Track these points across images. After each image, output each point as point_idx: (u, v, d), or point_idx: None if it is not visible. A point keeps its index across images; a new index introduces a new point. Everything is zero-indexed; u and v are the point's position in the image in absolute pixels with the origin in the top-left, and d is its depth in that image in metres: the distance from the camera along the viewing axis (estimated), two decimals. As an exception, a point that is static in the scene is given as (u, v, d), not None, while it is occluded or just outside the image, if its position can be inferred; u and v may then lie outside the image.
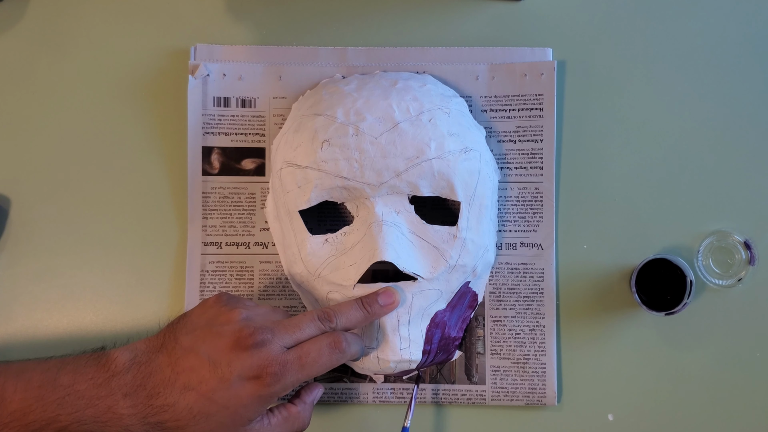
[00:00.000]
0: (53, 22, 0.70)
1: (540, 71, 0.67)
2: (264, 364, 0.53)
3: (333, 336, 0.56)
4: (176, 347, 0.54)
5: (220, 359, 0.53)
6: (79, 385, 0.53)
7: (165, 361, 0.54)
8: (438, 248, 0.61)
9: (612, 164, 0.68)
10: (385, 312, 0.59)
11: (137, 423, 0.53)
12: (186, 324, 0.56)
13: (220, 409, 0.53)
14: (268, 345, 0.53)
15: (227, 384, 0.52)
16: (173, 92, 0.69)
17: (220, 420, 0.53)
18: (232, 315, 0.55)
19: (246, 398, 0.53)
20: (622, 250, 0.67)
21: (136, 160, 0.69)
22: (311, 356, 0.54)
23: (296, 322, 0.56)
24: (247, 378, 0.53)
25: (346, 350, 0.56)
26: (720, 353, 0.66)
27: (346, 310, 0.58)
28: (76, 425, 0.53)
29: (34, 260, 0.68)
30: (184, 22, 0.70)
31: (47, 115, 0.69)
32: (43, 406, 0.53)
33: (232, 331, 0.54)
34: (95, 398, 0.53)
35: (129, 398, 0.53)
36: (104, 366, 0.54)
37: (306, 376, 0.54)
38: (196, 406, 0.52)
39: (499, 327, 0.67)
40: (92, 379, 0.53)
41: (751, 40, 0.68)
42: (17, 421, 0.53)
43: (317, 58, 0.68)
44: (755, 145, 0.67)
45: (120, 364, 0.54)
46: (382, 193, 0.60)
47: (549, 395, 0.66)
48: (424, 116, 0.61)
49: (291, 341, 0.55)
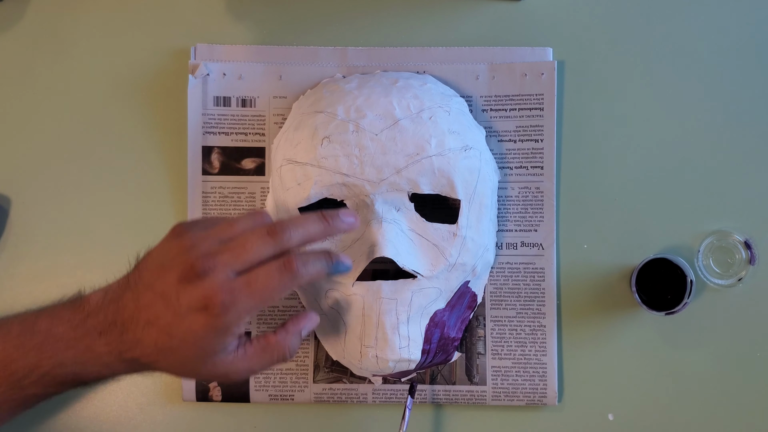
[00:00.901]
0: (53, 22, 0.70)
1: (540, 71, 0.67)
2: (210, 294, 0.50)
3: (284, 258, 0.52)
4: (139, 283, 0.53)
5: (170, 293, 0.51)
6: (57, 329, 0.53)
7: (130, 297, 0.52)
8: (438, 246, 0.61)
9: (612, 164, 0.68)
10: (345, 228, 0.56)
11: (115, 360, 0.53)
12: (147, 260, 0.54)
13: (180, 343, 0.51)
14: (212, 273, 0.50)
15: (180, 317, 0.50)
16: (173, 92, 0.69)
17: (184, 353, 0.52)
18: (180, 245, 0.53)
19: (200, 330, 0.50)
20: (622, 250, 0.67)
21: (136, 159, 0.69)
22: (260, 281, 0.51)
23: (243, 243, 0.52)
24: (197, 309, 0.50)
25: (299, 271, 0.51)
26: (720, 353, 0.66)
27: (302, 222, 0.54)
28: (58, 369, 0.53)
29: (34, 260, 0.68)
30: (185, 22, 0.70)
31: (47, 115, 0.69)
32: (23, 354, 0.53)
33: (178, 264, 0.51)
34: (73, 339, 0.53)
35: (104, 336, 0.52)
36: (79, 307, 0.54)
37: (259, 301, 0.51)
38: (159, 341, 0.51)
39: (500, 327, 0.66)
40: (69, 321, 0.53)
41: (751, 40, 0.68)
42: (1, 372, 0.53)
43: (317, 58, 0.68)
44: (755, 145, 0.67)
45: (93, 303, 0.53)
46: (382, 190, 0.60)
47: (550, 395, 0.66)
48: (425, 114, 0.61)
49: (239, 265, 0.51)
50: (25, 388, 0.53)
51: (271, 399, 0.67)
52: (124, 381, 0.67)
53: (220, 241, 0.52)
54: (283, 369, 0.67)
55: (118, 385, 0.67)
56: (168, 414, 0.67)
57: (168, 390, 0.67)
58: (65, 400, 0.67)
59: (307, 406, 0.67)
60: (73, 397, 0.67)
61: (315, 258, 0.54)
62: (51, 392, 0.55)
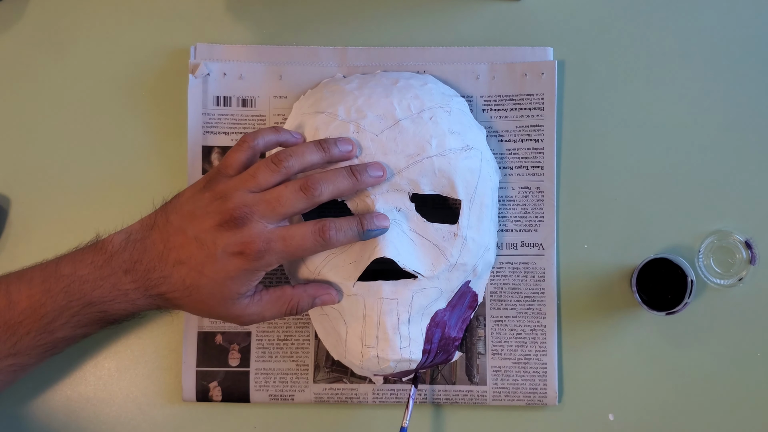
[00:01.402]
0: (53, 22, 0.70)
1: (540, 71, 0.67)
2: (247, 241, 0.55)
3: (321, 223, 0.56)
4: (167, 225, 0.57)
5: (205, 237, 0.55)
6: (81, 271, 0.56)
7: (158, 237, 0.57)
8: (438, 246, 0.61)
9: (612, 164, 0.68)
10: (372, 182, 0.59)
11: (141, 296, 0.57)
12: (176, 205, 0.58)
13: (210, 281, 0.56)
14: (249, 223, 0.55)
15: (214, 258, 0.55)
16: (173, 91, 0.69)
17: (210, 291, 0.56)
18: (213, 194, 0.57)
19: (233, 271, 0.55)
20: (622, 250, 0.67)
21: (136, 159, 0.69)
22: (295, 240, 0.56)
23: (277, 196, 0.56)
24: (232, 253, 0.55)
25: (332, 238, 0.56)
26: (720, 353, 0.66)
27: (331, 177, 0.57)
28: (87, 308, 0.57)
29: (34, 259, 0.67)
30: (185, 22, 0.70)
31: (47, 115, 0.69)
32: (51, 298, 0.56)
33: (214, 211, 0.56)
34: (99, 279, 0.56)
35: (129, 274, 0.56)
36: (101, 249, 0.57)
37: (290, 256, 0.56)
38: (188, 278, 0.56)
39: (500, 327, 0.66)
40: (92, 263, 0.57)
41: (751, 40, 0.68)
42: (30, 318, 0.56)
43: (317, 57, 0.68)
44: (755, 145, 0.67)
45: (116, 244, 0.57)
46: (383, 190, 0.60)
47: (550, 395, 0.66)
48: (425, 114, 0.61)
49: (275, 217, 0.56)
50: (55, 331, 0.57)
51: (271, 399, 0.67)
52: (124, 381, 0.67)
53: (251, 191, 0.56)
54: (284, 369, 0.67)
55: (118, 385, 0.67)
56: (168, 414, 0.67)
57: (168, 390, 0.67)
58: (65, 400, 0.67)
59: (307, 406, 0.67)
60: (73, 397, 0.67)
61: (348, 225, 0.57)
62: (80, 333, 0.58)
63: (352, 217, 0.59)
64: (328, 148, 0.59)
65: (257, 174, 0.57)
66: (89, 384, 0.67)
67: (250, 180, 0.57)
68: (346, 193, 0.58)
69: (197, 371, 0.66)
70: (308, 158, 0.58)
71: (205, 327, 0.67)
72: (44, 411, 0.67)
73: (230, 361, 0.67)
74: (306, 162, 0.58)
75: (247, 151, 0.59)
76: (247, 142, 0.59)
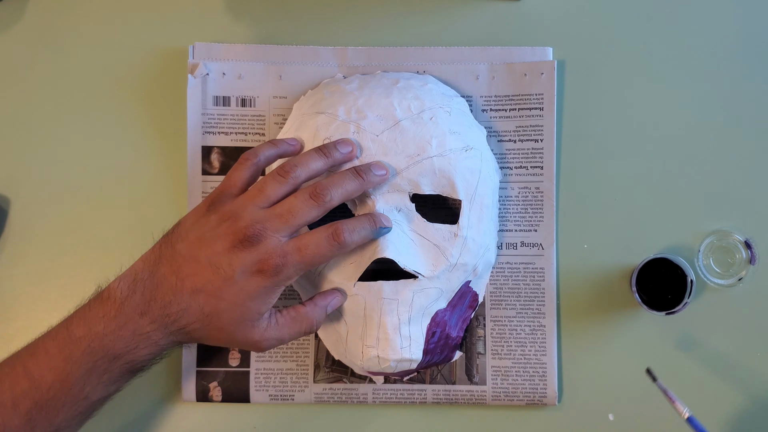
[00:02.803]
0: (52, 22, 0.70)
1: (540, 71, 0.67)
2: (264, 258, 0.54)
3: (333, 227, 0.56)
4: (175, 256, 0.55)
5: (220, 262, 0.54)
6: (96, 328, 0.54)
7: (167, 270, 0.55)
8: (439, 246, 0.61)
9: (612, 164, 0.68)
10: (378, 181, 0.58)
11: (163, 336, 0.55)
12: (180, 233, 0.57)
13: (229, 305, 0.54)
14: (264, 239, 0.54)
15: (232, 281, 0.54)
16: (173, 91, 0.69)
17: (230, 315, 0.55)
18: (220, 217, 0.56)
19: (253, 291, 0.54)
20: (622, 250, 0.67)
21: (136, 159, 0.69)
22: (310, 248, 0.55)
23: (288, 208, 0.55)
24: (251, 273, 0.54)
25: (346, 240, 0.56)
26: (720, 353, 0.66)
27: (339, 181, 0.57)
28: (114, 363, 0.54)
29: (34, 260, 0.68)
30: (184, 21, 0.70)
31: (47, 115, 0.69)
32: (75, 365, 0.53)
33: (224, 234, 0.55)
34: (116, 330, 0.54)
35: (146, 315, 0.54)
36: (108, 299, 0.55)
37: (308, 266, 0.55)
38: (207, 305, 0.54)
39: (500, 327, 0.66)
40: (104, 316, 0.54)
41: (751, 40, 0.68)
42: (60, 391, 0.53)
43: (317, 57, 0.68)
44: (755, 145, 0.67)
45: (123, 289, 0.55)
46: (383, 190, 0.60)
47: (550, 395, 0.66)
48: (426, 114, 0.61)
49: (288, 230, 0.55)
50: (89, 396, 0.55)
51: (271, 399, 0.67)
52: (124, 381, 0.67)
53: (261, 207, 0.55)
54: (284, 369, 0.67)
55: (118, 385, 0.67)
56: (168, 414, 0.67)
57: (168, 390, 0.67)
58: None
59: (307, 406, 0.67)
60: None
61: (360, 225, 0.57)
62: (113, 391, 0.56)
63: (362, 217, 0.59)
64: (330, 152, 0.58)
65: (265, 188, 0.56)
66: (89, 384, 0.67)
67: (259, 195, 0.56)
68: (354, 195, 0.58)
69: (197, 371, 0.66)
70: (313, 166, 0.58)
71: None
72: (44, 411, 0.67)
73: (230, 361, 0.67)
74: (312, 170, 0.58)
75: (250, 168, 0.58)
76: (249, 159, 0.58)
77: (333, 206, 0.57)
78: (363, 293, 0.60)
